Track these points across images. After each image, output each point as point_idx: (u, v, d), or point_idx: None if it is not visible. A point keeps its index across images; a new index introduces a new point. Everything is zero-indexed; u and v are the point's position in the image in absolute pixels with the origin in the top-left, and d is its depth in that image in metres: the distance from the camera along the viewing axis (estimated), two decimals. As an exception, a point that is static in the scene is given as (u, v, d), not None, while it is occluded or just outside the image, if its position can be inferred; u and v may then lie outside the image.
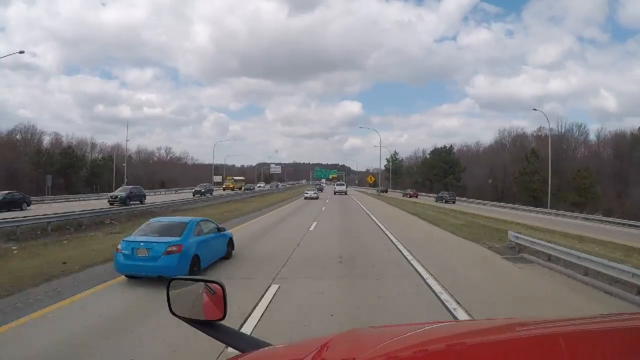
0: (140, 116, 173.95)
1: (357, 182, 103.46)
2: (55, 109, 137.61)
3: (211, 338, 1.38)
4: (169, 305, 1.44)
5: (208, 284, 1.45)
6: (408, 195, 56.56)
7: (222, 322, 1.36)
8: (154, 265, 7.02)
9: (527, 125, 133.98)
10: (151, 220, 8.83)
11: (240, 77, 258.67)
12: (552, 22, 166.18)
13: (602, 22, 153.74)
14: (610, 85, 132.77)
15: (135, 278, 7.39)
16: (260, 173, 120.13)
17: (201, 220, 8.74)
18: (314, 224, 18.38)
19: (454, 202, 45.23)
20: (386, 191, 69.62)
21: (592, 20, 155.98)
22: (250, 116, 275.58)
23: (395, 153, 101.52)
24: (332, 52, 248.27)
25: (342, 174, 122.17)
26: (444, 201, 45.41)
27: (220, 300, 1.38)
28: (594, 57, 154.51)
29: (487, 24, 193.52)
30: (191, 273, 7.24)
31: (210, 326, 1.35)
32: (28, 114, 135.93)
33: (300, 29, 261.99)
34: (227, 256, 9.47)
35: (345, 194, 56.85)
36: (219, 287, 1.40)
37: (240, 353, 1.24)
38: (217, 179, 76.00)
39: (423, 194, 62.74)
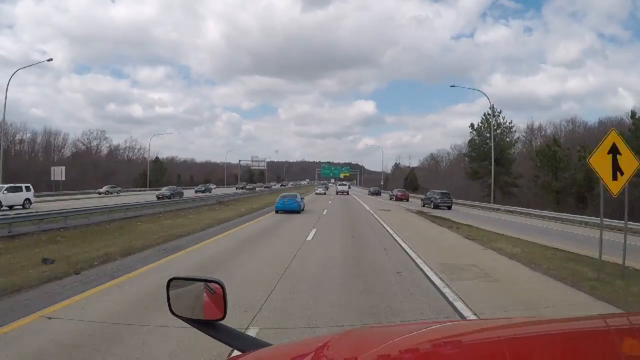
0: (152, 115, 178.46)
1: (382, 182, 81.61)
2: (67, 108, 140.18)
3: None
4: (169, 305, 1.45)
5: (208, 283, 1.45)
6: (394, 198, 45.67)
7: (222, 322, 1.37)
8: (290, 206, 22.55)
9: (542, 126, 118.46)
10: (281, 194, 25.01)
11: (253, 76, 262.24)
12: (573, 19, 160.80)
13: (624, 19, 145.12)
14: (630, 85, 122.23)
15: (279, 213, 22.28)
16: (238, 172, 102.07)
17: (298, 193, 25.06)
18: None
19: (449, 208, 32.42)
20: (379, 194, 62.00)
21: (613, 17, 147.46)
22: (263, 116, 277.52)
23: (491, 110, 43.64)
24: (347, 49, 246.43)
25: (355, 173, 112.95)
26: (432, 206, 32.83)
27: (221, 300, 1.39)
28: (614, 55, 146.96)
29: (506, 20, 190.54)
30: (299, 210, 22.65)
31: (211, 326, 1.37)
32: (40, 113, 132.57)
33: (314, 25, 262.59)
34: (303, 209, 24.65)
35: (347, 194, 58.77)
36: (219, 287, 1.41)
37: (240, 353, 1.26)
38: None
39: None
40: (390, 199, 46.33)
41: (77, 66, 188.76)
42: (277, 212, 22.69)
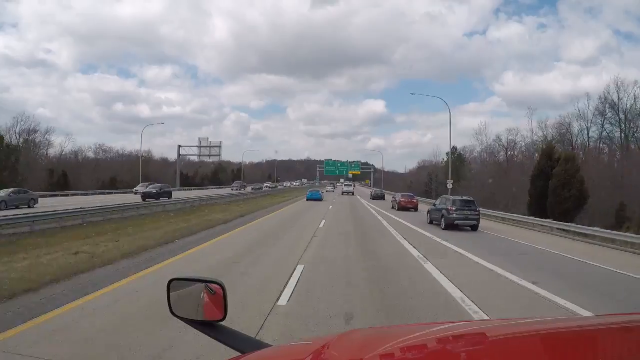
0: (160, 115, 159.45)
1: (449, 182, 34.03)
2: (75, 108, 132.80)
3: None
4: (169, 305, 1.47)
5: (208, 284, 1.46)
6: (397, 206, 30.35)
7: (222, 322, 1.39)
8: (315, 196, 39.48)
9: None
10: (309, 189, 43.26)
11: (261, 74, 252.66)
12: (589, 15, 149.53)
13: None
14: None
15: (308, 200, 38.28)
16: (177, 167, 63.85)
17: (314, 189, 42.94)
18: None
19: (474, 228, 17.77)
20: (383, 197, 46.87)
21: (630, 13, 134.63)
22: (272, 115, 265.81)
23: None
24: (357, 46, 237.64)
25: (368, 171, 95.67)
26: (442, 224, 17.92)
27: (221, 300, 1.40)
28: (630, 52, 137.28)
29: (519, 17, 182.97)
30: (321, 199, 39.21)
31: (211, 327, 1.39)
32: (47, 113, 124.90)
33: (324, 21, 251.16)
34: (323, 199, 40.64)
35: (353, 194, 57.94)
36: (219, 287, 1.42)
37: (240, 354, 1.27)
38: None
39: None
40: (392, 207, 31.02)
41: (84, 65, 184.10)
42: (307, 200, 38.61)
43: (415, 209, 29.34)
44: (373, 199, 45.63)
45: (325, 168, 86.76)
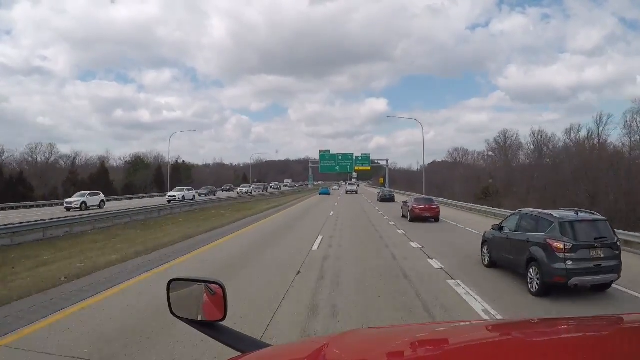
0: (160, 120, 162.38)
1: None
2: (74, 116, 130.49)
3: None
4: (170, 306, 1.48)
5: (208, 284, 1.47)
6: (410, 214, 21.66)
7: (222, 322, 1.40)
8: (326, 191, 53.89)
9: (558, 118, 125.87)
10: (321, 187, 57.69)
11: (261, 75, 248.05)
12: (593, 3, 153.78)
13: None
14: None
15: (320, 195, 52.13)
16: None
17: (324, 187, 57.86)
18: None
19: (605, 286, 7.01)
20: (392, 199, 40.20)
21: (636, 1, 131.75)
22: (273, 117, 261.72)
23: None
24: (358, 43, 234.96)
25: (380, 165, 68.63)
26: (536, 283, 6.83)
27: (221, 300, 1.41)
28: (636, 41, 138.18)
29: (522, 8, 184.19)
30: (329, 194, 53.28)
31: (211, 327, 1.40)
32: (47, 121, 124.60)
33: (324, 18, 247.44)
34: (329, 193, 54.75)
35: (356, 192, 59.20)
36: (219, 288, 1.43)
37: (240, 354, 1.27)
38: None
39: None
40: (403, 216, 23.29)
41: (81, 72, 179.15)
42: (320, 194, 51.41)
43: (436, 219, 21.59)
44: (381, 201, 39.57)
45: (321, 164, 61.57)
